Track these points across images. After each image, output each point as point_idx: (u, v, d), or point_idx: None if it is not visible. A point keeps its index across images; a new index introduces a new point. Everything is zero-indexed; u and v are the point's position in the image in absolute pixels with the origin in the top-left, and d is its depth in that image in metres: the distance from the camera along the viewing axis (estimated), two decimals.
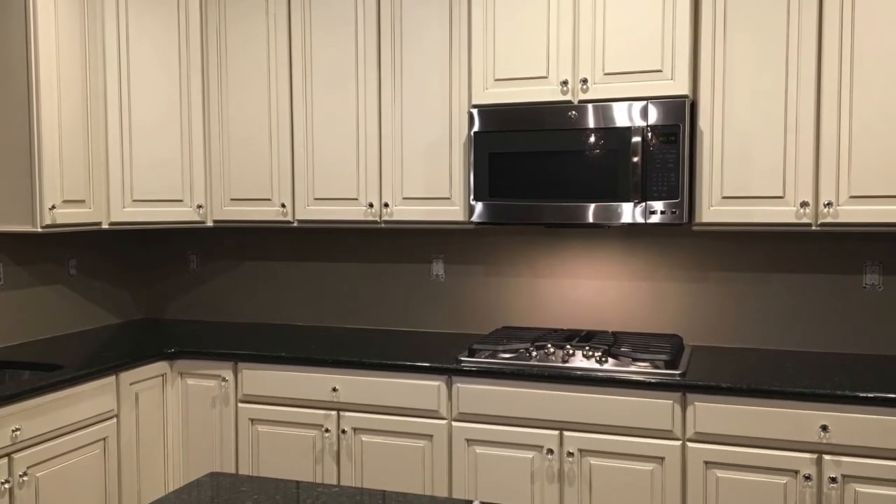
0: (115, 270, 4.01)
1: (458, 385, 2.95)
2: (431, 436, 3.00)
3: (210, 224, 3.66)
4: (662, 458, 2.73)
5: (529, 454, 2.87)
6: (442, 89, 3.24)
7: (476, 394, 2.93)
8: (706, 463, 2.68)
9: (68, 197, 3.19)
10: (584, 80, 2.98)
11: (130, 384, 3.13)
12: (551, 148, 3.00)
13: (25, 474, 2.66)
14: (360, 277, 3.81)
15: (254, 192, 3.56)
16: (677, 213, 2.87)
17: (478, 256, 3.61)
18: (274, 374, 3.20)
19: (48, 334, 3.60)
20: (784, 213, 2.84)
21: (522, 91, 3.06)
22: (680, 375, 2.73)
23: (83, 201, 3.27)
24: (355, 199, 3.41)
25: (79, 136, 3.24)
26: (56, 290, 3.64)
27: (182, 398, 3.36)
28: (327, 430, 3.13)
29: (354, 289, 3.83)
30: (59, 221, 3.14)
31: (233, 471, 3.30)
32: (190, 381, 3.35)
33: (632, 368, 2.81)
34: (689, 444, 2.70)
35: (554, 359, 2.94)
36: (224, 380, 3.29)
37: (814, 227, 2.82)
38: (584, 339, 3.18)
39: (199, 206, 3.61)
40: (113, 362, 3.04)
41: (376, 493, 1.78)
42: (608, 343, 3.06)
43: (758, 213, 2.87)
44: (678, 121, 2.85)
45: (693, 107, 2.94)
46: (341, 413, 3.12)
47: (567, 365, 2.88)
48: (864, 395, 2.50)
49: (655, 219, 2.89)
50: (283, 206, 3.51)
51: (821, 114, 2.79)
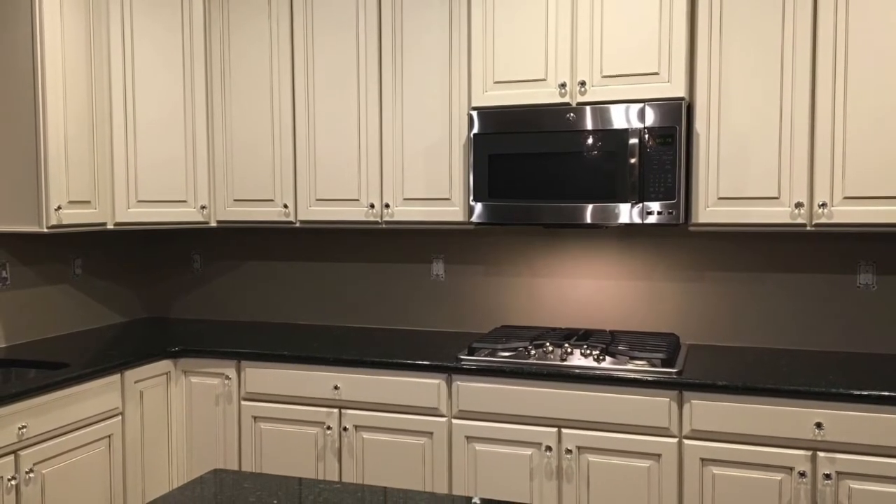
0: (120, 270, 4.01)
1: (458, 383, 2.95)
2: (432, 433, 3.00)
3: (213, 224, 3.66)
4: (659, 456, 2.73)
5: (528, 451, 2.88)
6: (442, 92, 3.24)
7: (476, 392, 2.93)
8: (702, 460, 2.68)
9: (74, 198, 3.19)
10: (582, 83, 2.99)
11: (135, 382, 3.13)
12: (550, 149, 3.00)
13: (32, 471, 2.66)
14: (361, 277, 3.81)
15: (257, 193, 3.56)
16: (674, 213, 2.87)
17: (477, 256, 3.61)
18: (276, 373, 3.20)
19: (54, 333, 3.60)
20: (779, 214, 2.84)
21: (521, 93, 3.07)
22: (676, 374, 2.73)
23: (88, 202, 3.27)
24: (356, 199, 3.41)
25: (84, 138, 3.24)
26: (61, 290, 3.64)
27: (186, 396, 3.36)
28: (329, 428, 3.13)
29: (356, 288, 3.83)
30: (65, 222, 3.14)
31: (236, 468, 3.30)
32: (194, 380, 3.35)
33: (629, 367, 2.81)
34: (686, 442, 2.70)
35: (552, 357, 2.94)
36: (227, 378, 3.29)
37: (808, 228, 2.82)
38: (583, 337, 3.18)
39: (203, 207, 3.61)
40: (118, 361, 3.04)
41: (377, 490, 1.78)
42: (606, 342, 3.06)
43: (753, 213, 2.87)
44: (675, 123, 2.85)
45: (689, 109, 2.94)
46: (343, 411, 3.12)
47: (565, 363, 2.88)
48: (858, 393, 2.50)
49: (652, 219, 2.89)
50: (286, 206, 3.51)
51: (815, 116, 2.79)
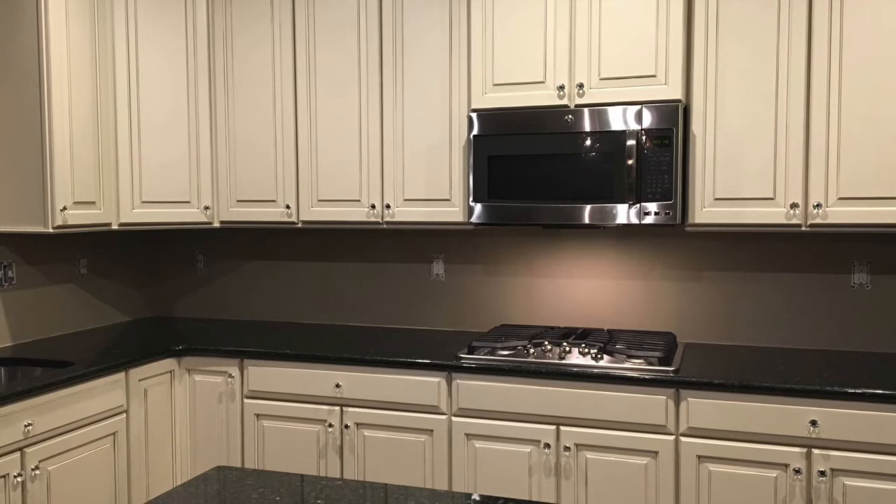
0: (125, 270, 4.01)
1: (458, 381, 2.95)
2: (432, 430, 3.00)
3: (217, 225, 3.66)
4: (656, 453, 2.73)
5: (527, 448, 2.88)
6: (442, 94, 3.24)
7: (475, 390, 2.93)
8: (699, 457, 2.68)
9: (79, 198, 3.19)
10: (581, 85, 2.99)
11: (139, 380, 3.13)
12: (548, 151, 3.00)
13: (37, 468, 2.66)
14: (362, 277, 3.81)
15: (259, 194, 3.56)
16: (671, 214, 2.87)
17: (477, 256, 3.61)
18: (279, 371, 3.20)
19: (59, 332, 3.60)
20: (774, 215, 2.84)
21: (520, 95, 3.07)
22: (673, 372, 2.73)
23: (93, 203, 3.27)
24: (358, 200, 3.41)
25: (89, 140, 3.24)
26: (67, 289, 3.65)
27: (189, 394, 3.36)
28: (331, 426, 3.13)
29: (357, 288, 3.83)
30: (70, 222, 3.14)
31: (239, 465, 3.30)
32: (197, 378, 3.35)
33: (626, 365, 2.81)
34: (682, 439, 2.70)
35: (551, 356, 2.95)
36: (230, 376, 3.29)
37: (803, 228, 2.82)
38: (581, 336, 3.18)
39: (206, 208, 3.61)
40: (122, 359, 3.04)
41: (378, 487, 1.78)
42: (604, 340, 3.06)
43: (749, 214, 2.87)
44: (672, 124, 2.85)
45: (686, 111, 2.94)
46: (344, 408, 3.12)
47: (564, 362, 2.88)
48: (852, 391, 2.50)
49: (650, 220, 2.89)
50: (288, 207, 3.51)
51: (810, 117, 2.79)
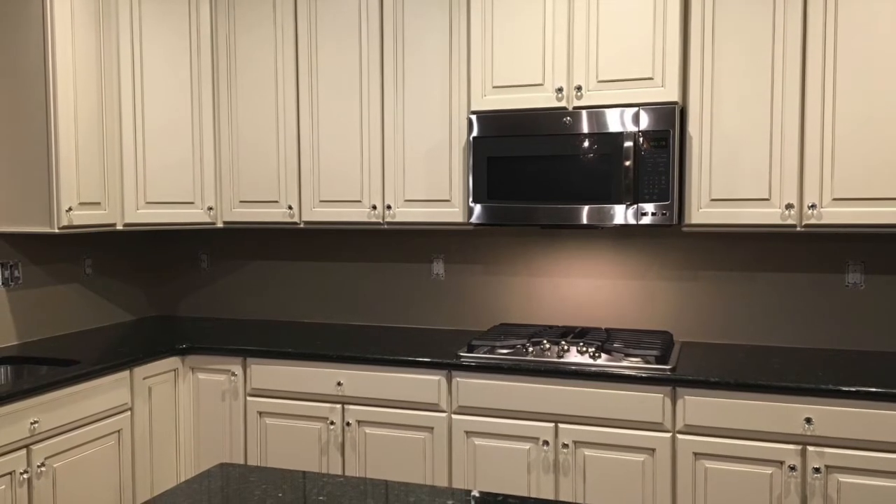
0: (129, 270, 4.01)
1: (458, 379, 2.95)
2: (432, 428, 3.00)
3: (220, 225, 3.66)
4: (653, 450, 2.73)
5: (526, 446, 2.88)
6: (442, 96, 3.24)
7: (475, 388, 2.93)
8: (695, 454, 2.68)
9: (84, 199, 3.19)
10: (579, 88, 2.99)
11: (144, 378, 3.13)
12: (547, 152, 3.00)
13: (43, 465, 2.66)
14: (363, 276, 3.81)
15: (262, 195, 3.56)
16: (667, 214, 2.87)
17: (476, 256, 3.61)
18: (281, 369, 3.20)
19: (65, 331, 3.60)
20: (770, 215, 2.84)
21: (519, 98, 3.07)
22: (670, 370, 2.73)
23: (98, 203, 3.27)
24: (359, 201, 3.41)
25: (94, 141, 3.24)
26: (72, 289, 3.65)
27: (193, 392, 3.36)
28: (332, 423, 3.13)
29: (358, 287, 3.83)
30: (76, 223, 3.14)
31: (242, 462, 3.30)
32: (201, 376, 3.35)
33: (624, 363, 2.81)
34: (679, 436, 2.70)
35: (549, 354, 2.95)
36: (233, 374, 3.29)
37: (798, 228, 2.82)
38: (579, 335, 3.18)
39: (210, 208, 3.62)
40: (127, 358, 3.05)
41: (379, 483, 1.78)
42: (601, 339, 3.06)
43: (745, 214, 2.87)
44: (668, 126, 2.85)
45: (683, 113, 2.94)
46: (346, 406, 3.12)
47: (562, 360, 2.88)
48: (846, 389, 2.50)
49: (647, 220, 2.89)
50: (290, 207, 3.51)
51: (805, 119, 2.79)
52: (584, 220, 2.97)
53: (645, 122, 2.88)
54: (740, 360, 2.92)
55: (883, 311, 3.06)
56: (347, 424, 3.11)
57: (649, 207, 2.88)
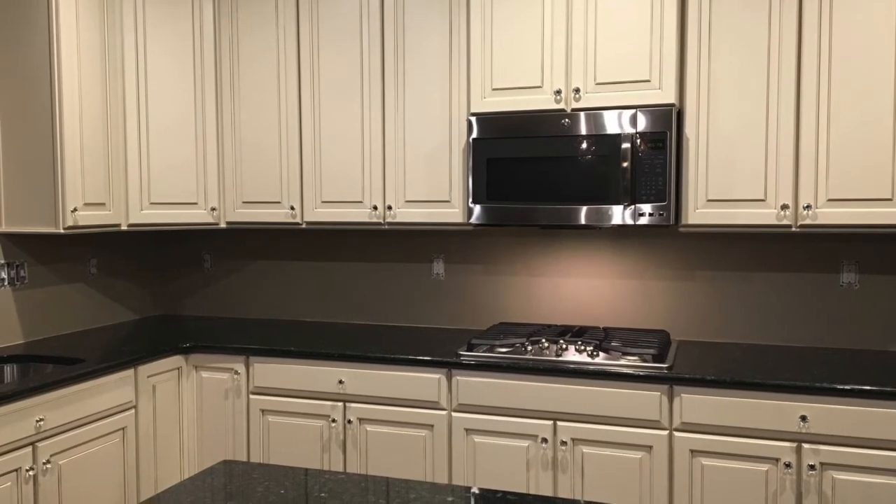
0: (134, 269, 4.01)
1: (458, 378, 2.96)
2: (432, 426, 3.01)
3: (223, 225, 3.66)
4: (650, 447, 2.73)
5: (525, 443, 2.88)
6: (442, 98, 3.25)
7: (474, 386, 2.93)
8: (692, 451, 2.68)
9: (89, 200, 3.19)
10: (577, 90, 2.99)
11: (148, 377, 3.14)
12: (546, 154, 3.00)
13: (49, 462, 2.66)
14: (364, 276, 3.82)
15: (265, 196, 3.57)
16: (665, 215, 2.87)
17: (476, 256, 3.61)
18: (283, 368, 3.20)
19: (70, 330, 3.60)
20: (765, 216, 2.84)
21: (518, 100, 3.07)
22: (667, 369, 2.73)
23: (103, 204, 3.27)
24: (360, 202, 3.41)
25: (99, 143, 3.24)
26: (77, 288, 3.65)
27: (197, 390, 3.36)
28: (334, 421, 3.14)
29: (359, 287, 3.83)
30: (81, 223, 3.14)
31: (244, 459, 3.30)
32: (204, 374, 3.35)
33: (622, 362, 2.81)
34: (676, 434, 2.70)
35: (548, 353, 2.95)
36: (236, 373, 3.29)
37: (794, 229, 2.82)
38: (577, 334, 3.18)
39: (213, 209, 3.62)
40: (131, 356, 3.05)
41: (380, 480, 1.78)
42: (599, 338, 3.06)
43: (741, 215, 2.87)
44: (665, 128, 2.86)
45: (679, 115, 2.94)
46: (347, 404, 3.12)
47: (560, 359, 2.88)
48: (841, 387, 2.50)
49: (644, 220, 2.89)
50: (293, 208, 3.51)
51: (800, 121, 2.79)
52: (583, 221, 2.97)
53: (642, 123, 2.88)
54: (736, 358, 2.92)
55: (877, 311, 3.06)
56: (349, 422, 3.12)
57: (646, 208, 2.89)
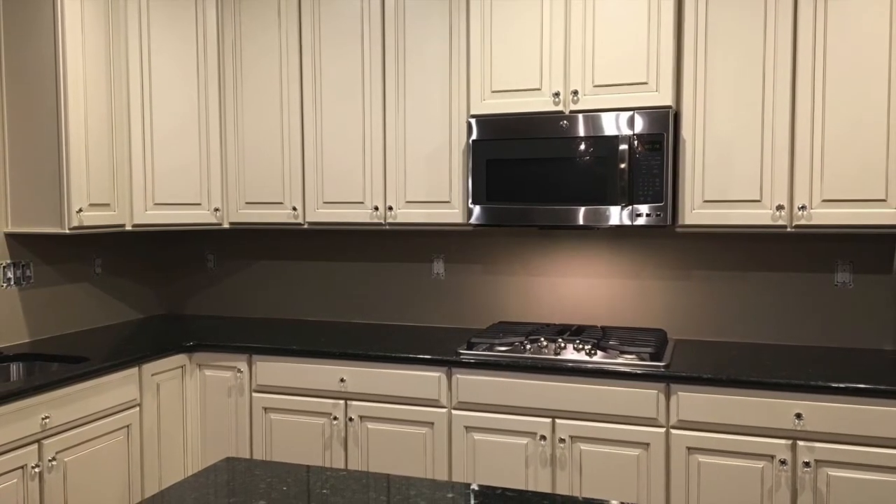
0: (138, 269, 4.01)
1: (458, 376, 2.96)
2: (432, 423, 3.01)
3: (226, 226, 3.67)
4: (648, 444, 2.73)
5: (524, 440, 2.88)
6: (442, 100, 3.25)
7: (474, 384, 2.93)
8: (688, 448, 2.69)
9: (94, 201, 3.20)
10: (575, 92, 2.99)
11: (152, 375, 3.14)
12: (544, 155, 3.00)
13: (54, 459, 2.67)
14: (365, 276, 3.82)
15: (267, 196, 3.57)
16: (662, 215, 2.87)
17: (476, 256, 3.61)
18: (286, 366, 3.21)
19: (75, 329, 3.61)
20: (761, 216, 2.84)
21: (517, 102, 3.07)
22: (664, 367, 2.73)
23: (108, 205, 3.28)
24: (361, 202, 3.41)
25: (104, 144, 3.24)
26: (82, 288, 3.65)
27: (200, 388, 3.36)
28: (335, 418, 3.14)
29: (360, 286, 3.83)
30: (86, 223, 3.15)
31: (247, 456, 3.31)
32: (207, 373, 3.35)
33: (619, 360, 2.81)
34: (673, 431, 2.71)
35: (547, 351, 2.95)
36: (239, 371, 3.29)
37: (789, 229, 2.82)
38: (575, 333, 3.19)
39: (216, 209, 3.62)
40: (136, 355, 3.05)
41: (381, 477, 1.78)
42: (597, 337, 3.06)
43: (737, 215, 2.87)
44: (662, 130, 2.86)
45: (676, 117, 2.94)
46: (348, 402, 3.12)
47: (559, 357, 2.88)
48: (835, 386, 2.51)
49: (641, 221, 2.90)
50: (295, 209, 3.52)
51: (795, 123, 2.79)
52: (581, 221, 2.98)
53: (640, 125, 2.88)
54: (732, 357, 2.92)
55: (870, 310, 3.06)
56: (350, 420, 3.12)
57: (644, 209, 2.89)
